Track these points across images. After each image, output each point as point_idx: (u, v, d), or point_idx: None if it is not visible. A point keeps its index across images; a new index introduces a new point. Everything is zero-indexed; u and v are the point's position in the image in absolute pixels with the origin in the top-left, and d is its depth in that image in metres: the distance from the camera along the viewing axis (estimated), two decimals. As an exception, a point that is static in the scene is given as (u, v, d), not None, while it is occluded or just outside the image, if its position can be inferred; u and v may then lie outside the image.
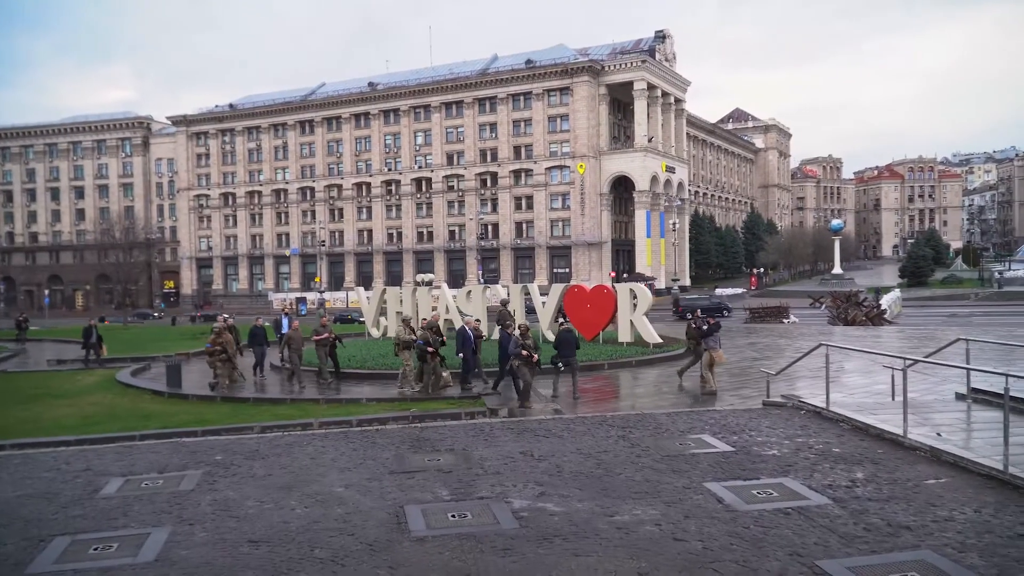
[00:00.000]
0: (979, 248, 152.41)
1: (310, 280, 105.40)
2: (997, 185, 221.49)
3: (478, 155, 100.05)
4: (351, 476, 9.80)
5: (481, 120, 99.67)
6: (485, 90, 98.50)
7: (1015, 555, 6.54)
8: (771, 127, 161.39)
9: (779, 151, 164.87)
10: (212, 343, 20.30)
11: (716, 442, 11.11)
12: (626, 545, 7.07)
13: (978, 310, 54.45)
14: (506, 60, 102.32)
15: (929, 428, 11.29)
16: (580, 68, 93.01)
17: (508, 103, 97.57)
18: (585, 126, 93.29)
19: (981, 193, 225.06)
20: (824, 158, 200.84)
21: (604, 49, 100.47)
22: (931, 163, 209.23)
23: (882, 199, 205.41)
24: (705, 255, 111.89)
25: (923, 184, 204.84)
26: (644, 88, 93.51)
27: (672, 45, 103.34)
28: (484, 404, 17.01)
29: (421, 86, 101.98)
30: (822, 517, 7.66)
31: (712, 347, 17.46)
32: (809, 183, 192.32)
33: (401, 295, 31.87)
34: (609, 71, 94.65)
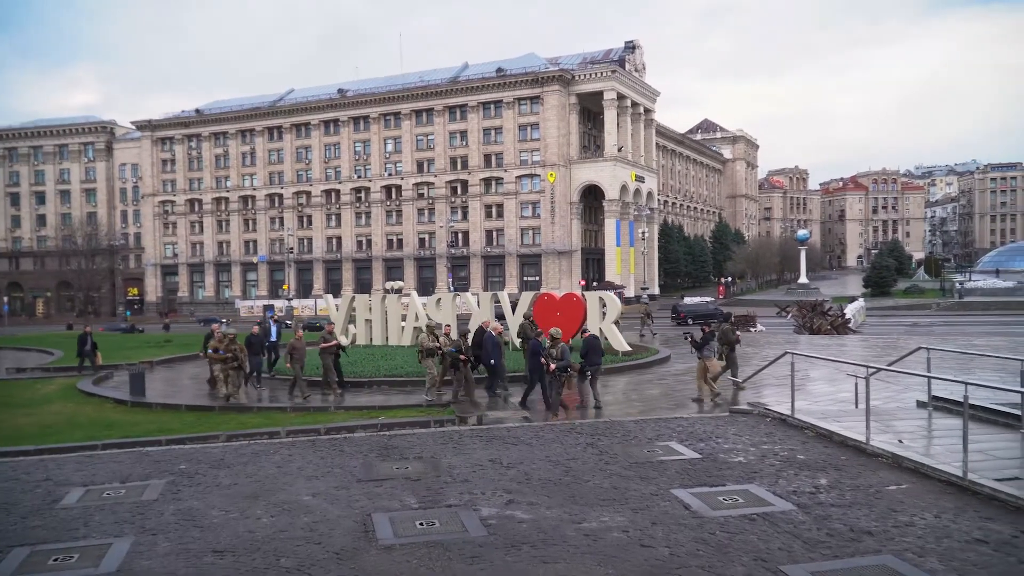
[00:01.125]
0: (941, 259, 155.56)
1: (278, 287, 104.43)
2: (958, 197, 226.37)
3: (448, 163, 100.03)
4: (318, 485, 9.72)
5: (451, 128, 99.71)
6: (456, 98, 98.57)
7: (973, 559, 6.68)
8: (739, 138, 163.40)
9: (747, 162, 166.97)
10: (225, 350, 19.49)
11: (683, 449, 11.20)
12: (594, 552, 7.10)
13: (939, 320, 55.52)
14: (477, 68, 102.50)
15: (891, 435, 11.49)
16: (550, 77, 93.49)
17: (479, 111, 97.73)
18: (555, 135, 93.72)
19: (943, 205, 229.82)
20: (791, 169, 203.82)
21: (575, 59, 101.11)
22: (894, 175, 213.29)
23: (847, 210, 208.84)
24: (674, 264, 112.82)
25: (887, 196, 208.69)
26: (614, 98, 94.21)
27: (642, 55, 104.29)
28: (453, 412, 16.96)
29: (391, 93, 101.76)
30: (786, 523, 7.76)
31: (707, 356, 17.60)
32: (776, 194, 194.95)
33: (370, 303, 31.72)
34: (579, 80, 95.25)
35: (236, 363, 19.47)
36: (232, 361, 19.37)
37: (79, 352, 27.40)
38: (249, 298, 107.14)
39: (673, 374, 23.11)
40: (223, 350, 19.46)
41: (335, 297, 44.69)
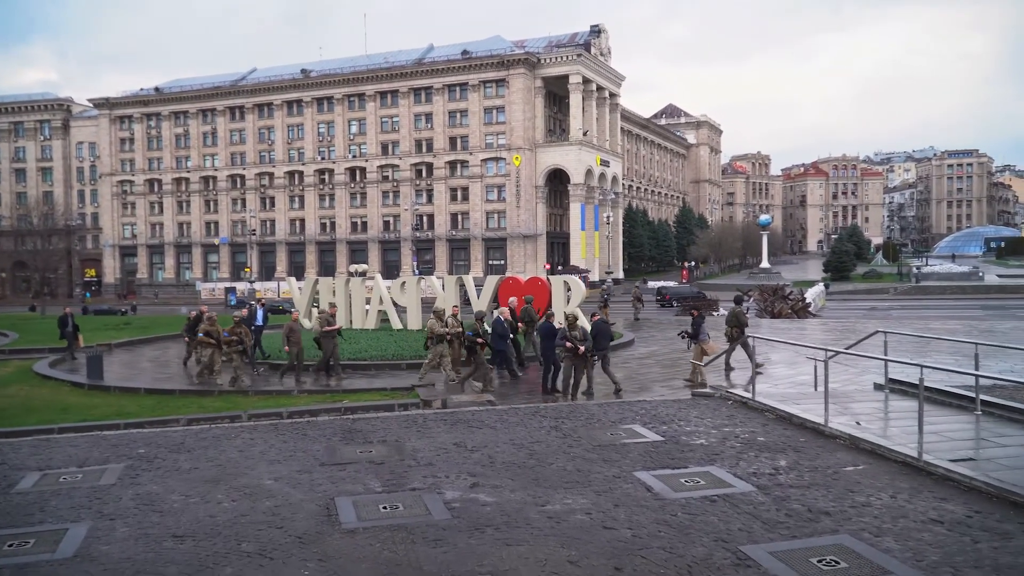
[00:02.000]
0: (898, 244, 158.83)
1: (240, 270, 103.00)
2: (916, 183, 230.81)
3: (413, 145, 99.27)
4: (281, 469, 9.64)
5: (417, 110, 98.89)
6: (421, 80, 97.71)
7: (928, 539, 6.84)
8: (703, 123, 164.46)
9: (710, 147, 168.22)
10: (230, 332, 18.98)
11: (646, 432, 11.30)
12: (557, 534, 7.14)
13: (897, 304, 56.65)
14: (442, 50, 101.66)
15: (849, 417, 11.70)
16: (516, 60, 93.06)
17: (444, 93, 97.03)
18: (521, 118, 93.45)
19: (901, 191, 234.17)
20: (753, 155, 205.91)
21: (540, 42, 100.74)
22: (854, 161, 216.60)
23: (808, 195, 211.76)
24: (638, 248, 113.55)
25: (847, 182, 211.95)
26: (579, 82, 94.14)
27: (607, 40, 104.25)
28: (418, 395, 16.93)
29: (356, 74, 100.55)
30: (746, 504, 7.87)
31: (702, 339, 17.70)
32: (739, 179, 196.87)
33: (334, 285, 31.43)
34: (545, 64, 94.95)
35: (242, 346, 19.06)
36: (238, 344, 18.93)
37: (61, 334, 26.31)
38: (211, 280, 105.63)
39: (637, 358, 23.30)
40: (229, 332, 18.96)
41: (298, 280, 44.24)
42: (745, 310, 20.02)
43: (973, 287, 71.04)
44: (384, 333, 28.11)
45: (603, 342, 16.71)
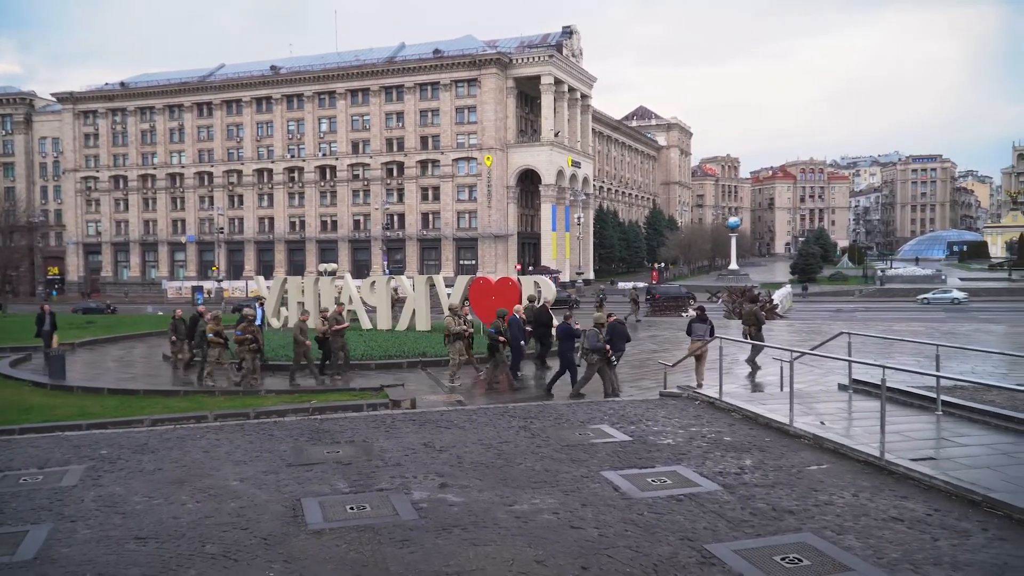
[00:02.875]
0: (864, 247, 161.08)
1: (207, 268, 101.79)
2: (881, 187, 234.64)
3: (384, 144, 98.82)
4: (246, 469, 9.54)
5: (388, 109, 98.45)
6: (392, 78, 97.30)
7: (889, 537, 6.95)
8: (673, 125, 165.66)
9: (681, 149, 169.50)
10: (243, 331, 18.64)
11: (614, 432, 11.35)
12: (524, 534, 7.15)
13: (861, 306, 57.53)
14: (414, 49, 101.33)
15: (813, 417, 11.86)
16: (488, 60, 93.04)
17: (415, 92, 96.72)
18: (492, 118, 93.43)
19: (867, 195, 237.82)
20: (723, 157, 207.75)
21: (512, 42, 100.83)
22: (821, 165, 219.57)
23: (776, 198, 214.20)
24: (609, 249, 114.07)
25: (814, 185, 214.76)
26: (551, 82, 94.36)
27: (579, 41, 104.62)
28: (387, 395, 16.85)
29: (326, 71, 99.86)
30: (712, 503, 7.95)
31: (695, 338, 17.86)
32: (708, 181, 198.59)
33: (303, 285, 31.18)
34: (517, 64, 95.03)
35: (256, 345, 18.71)
36: (251, 343, 18.58)
37: (38, 332, 25.36)
38: (177, 279, 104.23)
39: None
40: (242, 331, 18.57)
41: (267, 279, 43.83)
42: (760, 307, 20.30)
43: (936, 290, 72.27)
44: (354, 333, 27.86)
45: (619, 343, 16.76)
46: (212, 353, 18.88)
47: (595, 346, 15.64)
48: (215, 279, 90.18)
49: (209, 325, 19.28)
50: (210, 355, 18.94)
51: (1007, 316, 42.91)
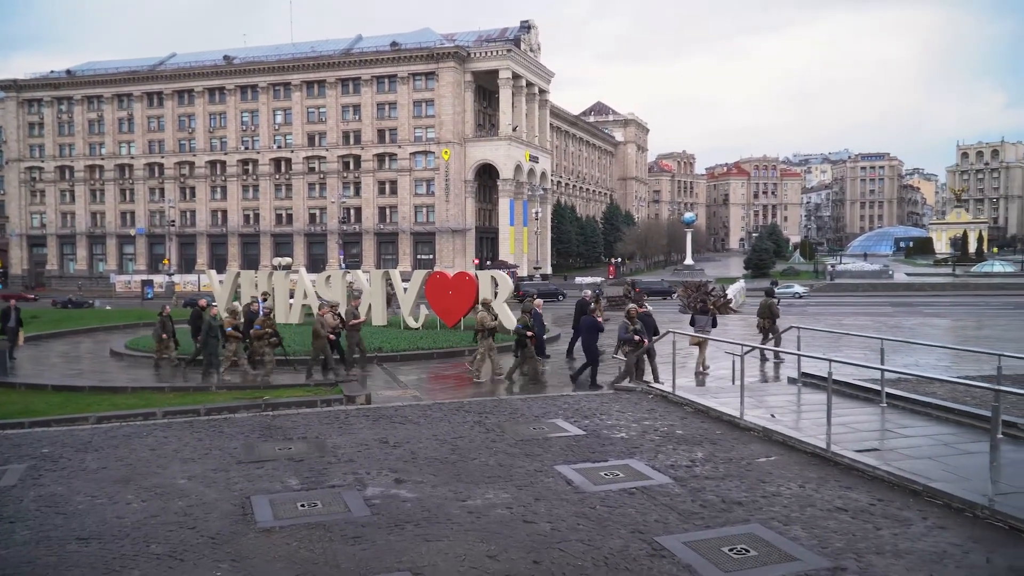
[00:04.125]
0: (815, 243, 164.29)
1: (158, 262, 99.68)
2: (832, 184, 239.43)
3: (341, 137, 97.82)
4: (195, 467, 9.37)
5: (344, 101, 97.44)
6: (349, 70, 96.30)
7: (833, 527, 7.10)
8: (630, 121, 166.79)
9: (637, 145, 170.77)
10: (261, 325, 18.28)
11: (568, 426, 11.41)
12: (477, 529, 7.14)
13: (812, 300, 58.57)
14: (371, 41, 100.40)
15: (764, 410, 12.06)
16: (446, 53, 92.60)
17: (372, 85, 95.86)
18: (450, 112, 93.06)
19: (818, 191, 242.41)
20: (679, 153, 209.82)
21: (470, 36, 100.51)
22: (774, 162, 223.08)
23: (730, 194, 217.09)
24: (566, 244, 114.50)
25: (767, 182, 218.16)
26: (509, 77, 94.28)
27: (537, 36, 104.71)
28: (341, 391, 16.69)
29: (281, 62, 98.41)
30: (663, 496, 8.03)
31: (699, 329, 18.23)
32: (665, 177, 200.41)
33: (256, 279, 30.72)
34: (475, 58, 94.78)
35: (277, 339, 18.42)
36: (272, 337, 18.25)
37: (2, 329, 24.19)
38: (126, 273, 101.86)
39: (562, 352, 23.47)
40: (260, 325, 18.23)
41: (219, 273, 43.08)
42: (777, 301, 20.54)
43: (883, 284, 74.07)
44: (309, 328, 27.62)
45: (650, 333, 16.84)
46: (229, 348, 18.71)
47: (624, 337, 15.78)
48: (166, 273, 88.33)
49: (227, 319, 19.16)
50: (227, 350, 18.75)
51: (950, 311, 44.12)
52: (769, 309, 19.89)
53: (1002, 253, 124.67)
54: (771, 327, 19.89)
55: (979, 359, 17.94)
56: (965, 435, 10.26)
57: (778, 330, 19.85)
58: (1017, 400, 11.47)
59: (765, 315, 19.95)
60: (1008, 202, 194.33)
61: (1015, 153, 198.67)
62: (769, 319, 19.86)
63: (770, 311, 19.88)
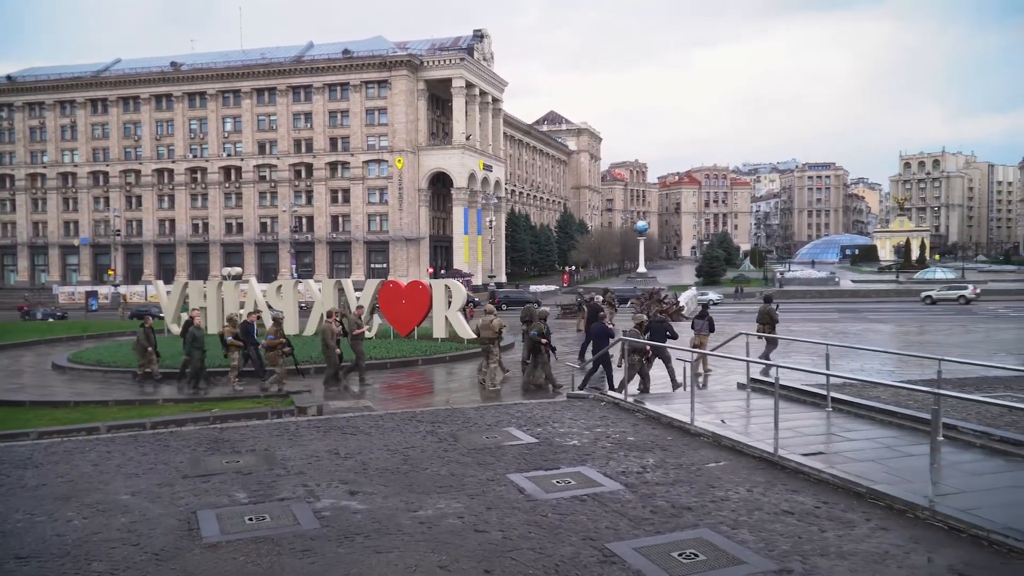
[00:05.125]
0: (764, 251, 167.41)
1: (103, 272, 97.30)
2: (780, 193, 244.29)
3: (292, 145, 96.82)
4: (139, 483, 9.14)
5: (295, 109, 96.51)
6: (300, 78, 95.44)
7: (780, 530, 7.22)
8: (583, 130, 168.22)
9: (591, 154, 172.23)
10: (275, 335, 17.82)
11: (521, 434, 11.41)
12: (428, 539, 7.10)
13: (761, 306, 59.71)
14: (322, 48, 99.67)
15: (714, 415, 12.23)
16: (399, 62, 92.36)
17: (324, 93, 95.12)
18: (403, 120, 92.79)
19: (767, 200, 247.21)
20: (631, 162, 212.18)
21: (423, 44, 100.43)
22: (724, 171, 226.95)
23: (682, 203, 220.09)
24: (521, 252, 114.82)
25: (717, 190, 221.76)
26: (463, 86, 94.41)
27: (490, 45, 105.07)
28: (292, 402, 16.48)
29: (231, 69, 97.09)
30: (614, 502, 8.08)
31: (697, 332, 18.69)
32: (618, 186, 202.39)
33: (205, 289, 30.21)
34: (428, 67, 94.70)
35: (290, 348, 18.08)
36: (285, 347, 17.87)
37: None
38: (70, 283, 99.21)
39: (517, 361, 23.48)
40: (274, 335, 17.86)
41: (167, 284, 42.22)
42: (776, 307, 20.96)
43: (831, 291, 75.74)
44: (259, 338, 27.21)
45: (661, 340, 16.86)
46: (232, 356, 18.49)
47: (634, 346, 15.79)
48: (111, 283, 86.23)
49: (227, 328, 18.95)
50: (232, 359, 18.51)
51: (894, 316, 45.31)
52: (768, 315, 20.44)
53: (943, 260, 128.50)
54: (771, 332, 20.49)
55: (922, 363, 18.46)
56: (907, 438, 10.52)
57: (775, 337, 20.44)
58: (957, 403, 11.83)
59: (764, 321, 20.48)
60: (949, 210, 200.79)
61: (955, 163, 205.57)
62: (768, 325, 20.39)
63: (769, 317, 20.43)
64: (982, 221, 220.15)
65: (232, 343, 18.53)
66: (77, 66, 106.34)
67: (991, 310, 49.54)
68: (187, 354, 18.65)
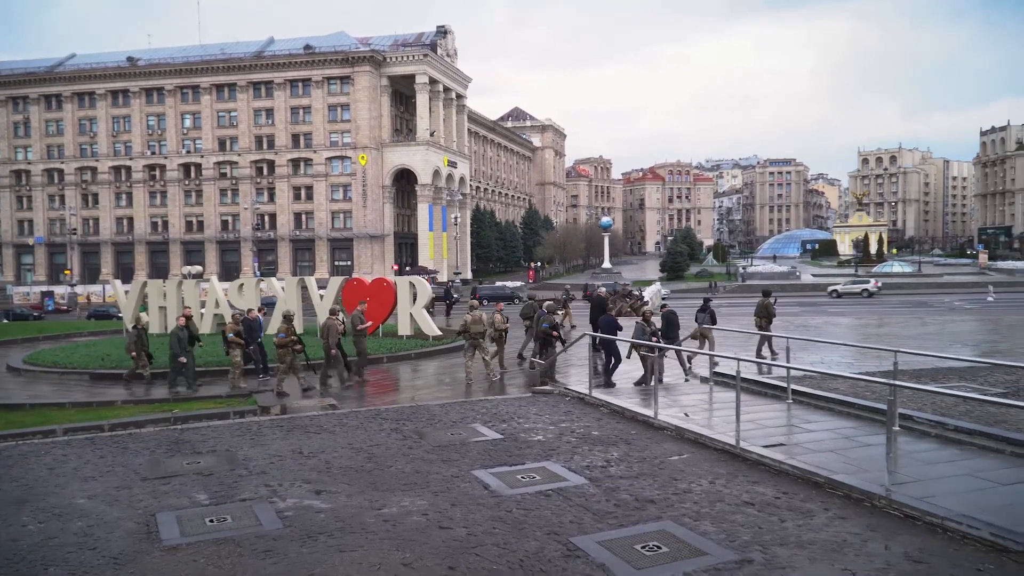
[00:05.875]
0: (727, 246, 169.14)
1: (59, 272, 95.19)
2: (742, 189, 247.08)
3: (253, 141, 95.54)
4: (96, 486, 8.97)
5: (256, 105, 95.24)
6: (261, 73, 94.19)
7: (741, 520, 7.32)
8: (548, 127, 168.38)
9: (555, 150, 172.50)
10: (286, 333, 17.36)
11: (486, 431, 11.42)
12: (392, 537, 7.07)
13: (725, 301, 60.31)
14: (283, 44, 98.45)
15: (677, 409, 12.34)
16: (361, 58, 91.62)
17: (286, 89, 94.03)
18: (367, 117, 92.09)
19: (729, 196, 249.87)
20: (596, 159, 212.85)
21: (386, 40, 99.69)
22: (687, 167, 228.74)
23: (646, 199, 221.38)
24: (486, 249, 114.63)
25: (681, 186, 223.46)
26: (426, 82, 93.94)
27: (454, 41, 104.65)
28: (255, 402, 16.29)
29: (189, 64, 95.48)
30: (579, 496, 8.12)
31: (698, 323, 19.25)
32: (582, 182, 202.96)
33: (165, 288, 29.73)
34: (391, 63, 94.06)
35: (301, 346, 17.67)
36: (296, 344, 17.47)
37: None
38: (24, 283, 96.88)
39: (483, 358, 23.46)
40: (284, 333, 17.40)
41: (125, 283, 41.45)
42: (774, 301, 21.28)
43: (791, 285, 76.82)
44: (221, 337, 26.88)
45: (673, 332, 17.19)
46: (235, 355, 18.15)
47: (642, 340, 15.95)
48: (67, 283, 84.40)
49: (229, 325, 18.63)
50: (234, 356, 18.16)
51: (853, 309, 46.12)
52: (766, 309, 20.92)
53: (901, 254, 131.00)
54: (767, 327, 20.86)
55: (879, 356, 18.83)
56: (865, 428, 10.72)
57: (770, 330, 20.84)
58: (912, 394, 12.07)
59: (762, 315, 20.91)
60: (905, 205, 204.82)
61: (912, 159, 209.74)
62: (766, 318, 20.79)
63: (767, 311, 20.87)
64: (938, 216, 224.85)
65: (233, 340, 18.20)
66: (30, 61, 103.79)
67: (893, 302, 50.78)
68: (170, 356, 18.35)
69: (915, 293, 62.64)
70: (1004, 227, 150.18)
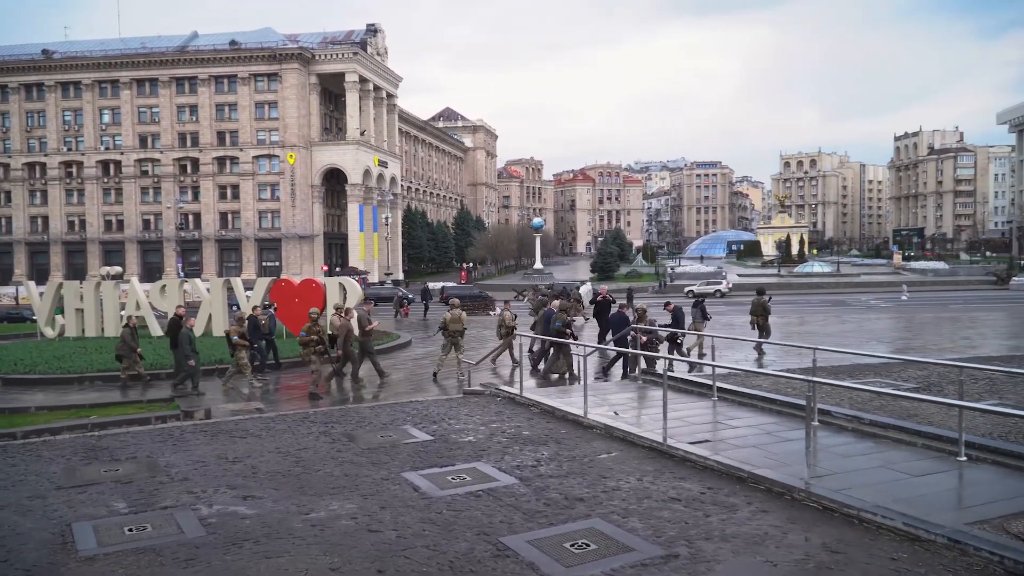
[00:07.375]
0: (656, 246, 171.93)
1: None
2: (670, 191, 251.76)
3: (177, 139, 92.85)
4: (7, 495, 8.59)
5: (180, 101, 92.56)
6: (184, 69, 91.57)
7: (668, 516, 7.46)
8: (479, 127, 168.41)
9: (487, 151, 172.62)
10: (308, 332, 16.76)
11: (417, 432, 11.36)
12: (320, 542, 6.97)
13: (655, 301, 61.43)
14: (208, 39, 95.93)
15: (607, 408, 12.50)
16: (289, 54, 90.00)
17: (210, 85, 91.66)
18: (295, 115, 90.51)
19: (658, 197, 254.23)
20: (527, 160, 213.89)
21: (315, 37, 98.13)
22: (617, 169, 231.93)
23: (577, 200, 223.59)
24: (418, 249, 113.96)
25: (611, 188, 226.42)
26: (356, 81, 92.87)
27: (384, 39, 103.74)
28: (177, 406, 15.83)
29: (108, 58, 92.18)
30: (509, 496, 8.15)
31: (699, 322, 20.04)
32: (514, 183, 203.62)
33: (82, 290, 28.62)
34: (320, 60, 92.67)
35: (322, 346, 17.04)
36: (318, 344, 16.86)
37: None
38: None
39: (413, 358, 23.39)
40: (307, 332, 16.84)
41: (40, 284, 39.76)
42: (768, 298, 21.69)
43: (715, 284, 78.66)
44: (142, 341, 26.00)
45: (680, 327, 18.03)
46: (240, 356, 17.51)
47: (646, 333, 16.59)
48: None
49: (233, 327, 17.99)
50: (240, 358, 17.51)
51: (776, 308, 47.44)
52: (762, 307, 21.35)
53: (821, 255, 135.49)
54: (764, 324, 21.23)
55: (801, 353, 19.42)
56: (786, 424, 11.06)
57: (769, 326, 21.23)
58: (831, 390, 12.50)
59: (758, 312, 21.34)
60: (825, 207, 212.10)
61: (831, 163, 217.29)
62: (762, 316, 21.21)
63: (763, 308, 21.31)
64: (855, 217, 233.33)
65: (238, 343, 17.69)
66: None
67: (814, 301, 52.77)
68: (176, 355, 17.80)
69: (834, 292, 64.91)
70: (917, 228, 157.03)
